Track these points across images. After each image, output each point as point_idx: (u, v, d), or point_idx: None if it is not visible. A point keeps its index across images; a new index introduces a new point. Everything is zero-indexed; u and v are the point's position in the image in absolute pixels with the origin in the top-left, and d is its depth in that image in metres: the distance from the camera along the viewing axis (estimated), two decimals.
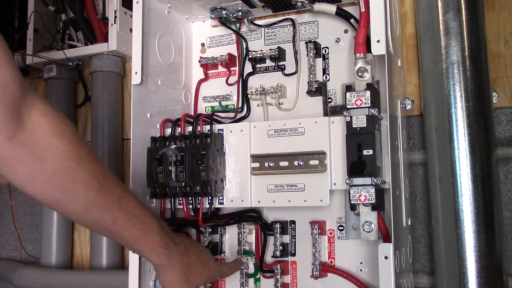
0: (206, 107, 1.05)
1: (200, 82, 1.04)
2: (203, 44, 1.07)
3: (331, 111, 0.93)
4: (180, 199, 0.90)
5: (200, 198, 0.89)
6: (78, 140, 0.67)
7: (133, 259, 0.86)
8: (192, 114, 0.98)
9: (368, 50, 0.80)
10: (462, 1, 0.84)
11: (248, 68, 1.01)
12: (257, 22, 1.02)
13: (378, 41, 0.76)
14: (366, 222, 0.79)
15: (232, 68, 1.02)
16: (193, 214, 0.90)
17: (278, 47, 0.98)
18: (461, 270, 0.80)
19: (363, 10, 0.81)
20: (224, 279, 0.98)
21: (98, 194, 0.68)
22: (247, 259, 0.94)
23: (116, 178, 0.71)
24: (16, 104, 0.60)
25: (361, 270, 0.89)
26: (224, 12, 1.00)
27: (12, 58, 0.60)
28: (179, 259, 0.79)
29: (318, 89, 0.93)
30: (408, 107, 0.91)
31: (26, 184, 0.64)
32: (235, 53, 1.02)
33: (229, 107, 1.02)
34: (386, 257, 0.72)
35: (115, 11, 1.14)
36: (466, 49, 0.84)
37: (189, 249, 0.82)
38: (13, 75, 0.59)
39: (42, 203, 0.69)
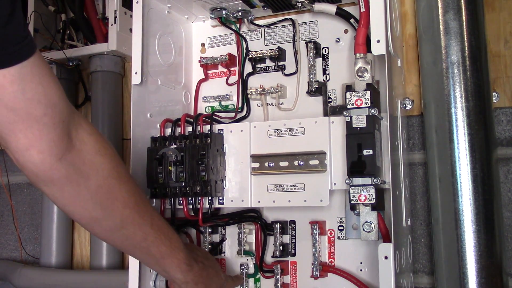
0: (206, 107, 1.05)
1: (200, 82, 1.04)
2: (203, 44, 1.07)
3: (331, 111, 0.93)
4: (180, 199, 0.90)
5: (200, 198, 0.89)
6: (118, 159, 0.68)
7: (133, 259, 0.86)
8: (192, 114, 0.98)
9: (368, 50, 0.80)
10: (462, 1, 0.84)
11: (248, 68, 1.01)
12: (257, 22, 1.02)
13: (378, 41, 0.76)
14: (366, 222, 0.79)
15: (232, 68, 1.02)
16: (193, 214, 0.90)
17: (278, 47, 0.98)
18: (461, 270, 0.80)
19: (363, 10, 0.81)
20: None
21: (133, 211, 0.69)
22: (247, 259, 0.95)
23: (147, 197, 0.73)
24: (66, 123, 0.60)
25: (361, 270, 0.89)
26: (224, 12, 1.00)
27: (56, 78, 0.61)
28: (200, 274, 0.80)
29: (318, 89, 0.93)
30: (408, 107, 0.91)
31: (68, 202, 0.64)
32: (235, 53, 1.02)
33: (229, 107, 1.02)
34: (386, 257, 0.72)
35: (115, 11, 1.14)
36: (466, 49, 0.84)
37: (204, 263, 0.83)
38: (60, 94, 0.60)
39: (80, 223, 0.69)
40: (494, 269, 0.80)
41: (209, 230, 0.97)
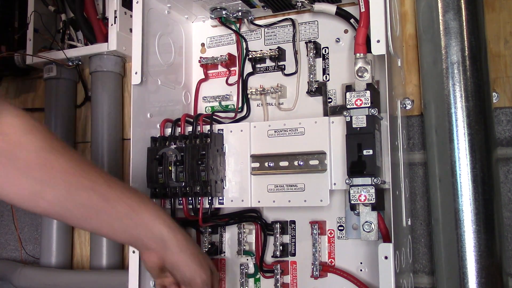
0: (206, 107, 1.05)
1: (200, 82, 1.04)
2: (203, 44, 1.07)
3: (331, 111, 0.93)
4: (180, 199, 0.90)
5: (200, 198, 0.89)
6: (51, 134, 0.67)
7: (133, 259, 0.86)
8: (192, 114, 0.99)
9: (368, 50, 0.80)
10: (462, 1, 0.84)
11: (248, 68, 1.01)
12: (257, 22, 1.02)
13: (378, 41, 0.76)
14: (366, 222, 0.79)
15: (232, 68, 1.02)
16: (193, 214, 0.90)
17: (278, 47, 0.98)
18: (461, 270, 0.80)
19: (363, 10, 0.81)
20: (224, 279, 0.98)
21: (78, 177, 0.66)
22: (247, 259, 0.95)
23: (99, 168, 0.70)
24: None
25: (361, 270, 0.89)
26: (224, 12, 1.00)
27: None
28: (185, 238, 0.74)
29: (318, 89, 0.93)
30: (408, 107, 0.91)
31: (1, 187, 0.63)
32: (235, 53, 1.02)
33: (229, 107, 1.02)
34: (386, 257, 0.72)
35: (115, 11, 1.14)
36: (466, 49, 0.84)
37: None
38: None
39: (20, 204, 0.66)
40: (494, 269, 0.80)
41: (209, 230, 0.97)
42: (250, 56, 0.99)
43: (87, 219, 0.68)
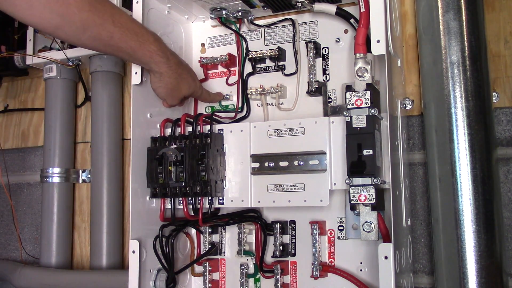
0: (206, 107, 1.05)
1: (200, 82, 1.04)
2: (203, 44, 1.07)
3: (331, 111, 0.93)
4: (180, 199, 0.90)
5: (200, 198, 0.89)
6: None
7: (133, 259, 0.86)
8: (192, 114, 0.99)
9: (368, 50, 0.80)
10: (462, 1, 0.84)
11: (248, 68, 1.01)
12: (257, 22, 1.02)
13: (378, 41, 0.76)
14: (366, 222, 0.79)
15: (232, 68, 1.02)
16: (193, 214, 0.90)
17: (278, 47, 0.98)
18: (461, 270, 0.80)
19: (363, 10, 0.81)
20: (224, 279, 0.98)
21: (90, 14, 0.75)
22: (247, 259, 0.95)
23: (109, 3, 0.79)
24: None
25: (361, 270, 0.89)
26: (224, 12, 1.00)
27: None
28: (175, 69, 0.87)
29: (318, 89, 0.93)
30: (408, 107, 0.91)
31: (26, 14, 0.72)
32: (235, 53, 1.02)
33: (229, 107, 1.02)
34: (386, 257, 0.72)
35: None
36: (466, 49, 0.84)
37: (182, 62, 0.92)
38: None
39: (45, 31, 0.82)
40: (494, 269, 0.80)
41: (209, 230, 0.97)
42: (250, 56, 0.99)
43: (97, 49, 0.83)
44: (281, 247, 0.92)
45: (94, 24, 0.75)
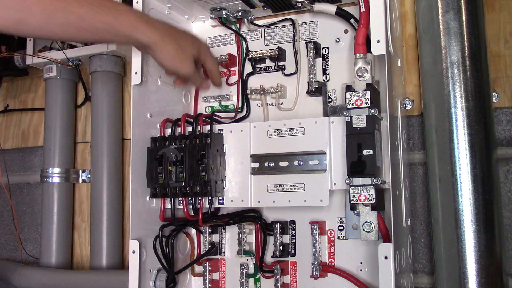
0: (206, 107, 1.05)
1: None
2: None
3: (331, 111, 0.93)
4: (180, 199, 0.90)
5: (200, 198, 0.89)
6: None
7: (133, 259, 0.86)
8: (192, 114, 0.99)
9: (368, 50, 0.80)
10: (462, 1, 0.84)
11: (248, 68, 1.01)
12: (257, 22, 1.02)
13: (378, 41, 0.76)
14: (366, 222, 0.79)
15: (232, 68, 1.02)
16: (193, 214, 0.90)
17: (278, 47, 0.98)
18: (461, 270, 0.80)
19: (363, 10, 0.81)
20: (224, 279, 0.98)
21: (53, 0, 0.71)
22: (247, 259, 0.95)
23: None
24: None
25: (361, 270, 0.89)
26: (224, 12, 1.00)
27: None
28: (169, 33, 0.81)
29: (318, 89, 0.93)
30: (408, 107, 0.91)
31: None
32: (235, 53, 1.02)
33: (229, 107, 1.02)
34: (386, 257, 0.72)
35: None
36: (466, 49, 0.84)
37: (173, 27, 0.86)
38: None
39: (9, 30, 0.72)
40: (494, 269, 0.80)
41: (209, 230, 0.97)
42: (250, 56, 0.99)
43: (72, 36, 0.78)
44: (281, 247, 0.92)
45: (58, 9, 0.71)
